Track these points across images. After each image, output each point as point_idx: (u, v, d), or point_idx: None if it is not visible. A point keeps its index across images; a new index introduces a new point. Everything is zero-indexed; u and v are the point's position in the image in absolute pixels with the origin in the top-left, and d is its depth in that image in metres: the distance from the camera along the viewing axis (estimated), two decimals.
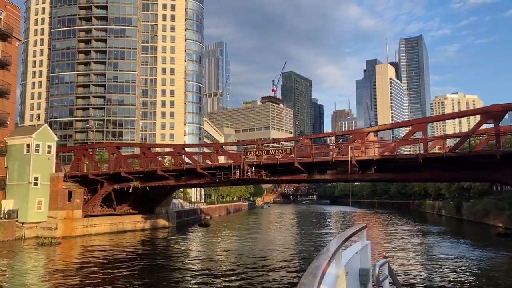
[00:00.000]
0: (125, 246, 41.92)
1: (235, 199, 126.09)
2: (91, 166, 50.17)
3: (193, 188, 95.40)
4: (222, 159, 44.00)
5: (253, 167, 36.02)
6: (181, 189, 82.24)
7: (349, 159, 31.10)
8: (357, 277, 3.85)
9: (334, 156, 32.59)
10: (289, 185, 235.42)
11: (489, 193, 71.15)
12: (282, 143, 38.58)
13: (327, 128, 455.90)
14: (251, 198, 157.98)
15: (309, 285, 2.13)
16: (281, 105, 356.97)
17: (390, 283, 4.10)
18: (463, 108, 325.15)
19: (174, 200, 74.26)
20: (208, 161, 41.96)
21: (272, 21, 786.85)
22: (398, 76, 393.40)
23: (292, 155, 34.74)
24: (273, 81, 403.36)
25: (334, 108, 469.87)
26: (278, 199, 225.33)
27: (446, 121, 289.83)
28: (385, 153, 32.58)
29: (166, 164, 51.84)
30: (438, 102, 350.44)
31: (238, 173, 36.62)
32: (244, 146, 41.32)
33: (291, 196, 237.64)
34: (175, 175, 42.43)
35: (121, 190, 48.19)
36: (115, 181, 46.96)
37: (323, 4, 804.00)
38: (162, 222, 59.68)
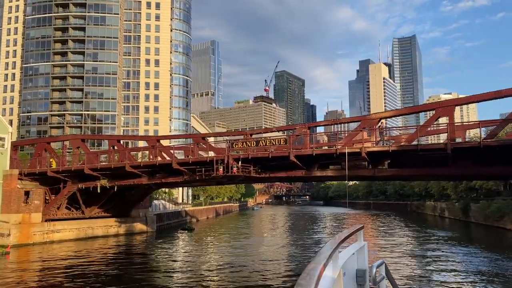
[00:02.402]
0: (92, 254, 35.99)
1: (225, 200, 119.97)
2: (57, 163, 43.30)
3: (179, 188, 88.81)
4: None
5: (240, 162, 29.63)
6: (165, 190, 75.81)
7: (346, 151, 25.08)
8: (354, 278, 3.81)
9: (339, 147, 26.32)
10: (281, 186, 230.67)
11: (497, 194, 65.99)
12: (275, 133, 32.28)
13: (320, 128, 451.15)
14: (242, 199, 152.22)
15: (306, 286, 2.10)
16: (274, 105, 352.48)
17: (387, 284, 4.06)
18: (458, 108, 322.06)
19: (155, 202, 67.83)
20: (190, 157, 35.55)
21: (265, 23, 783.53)
22: (391, 76, 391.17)
23: (285, 148, 28.34)
24: (265, 80, 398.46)
25: (327, 109, 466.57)
26: (270, 200, 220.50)
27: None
28: (402, 143, 26.41)
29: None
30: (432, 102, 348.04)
31: (221, 169, 30.17)
32: (232, 136, 34.66)
33: (284, 197, 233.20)
34: (148, 172, 35.90)
35: (91, 190, 41.50)
36: (80, 179, 40.25)
37: (315, 7, 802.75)
38: (139, 226, 53.01)
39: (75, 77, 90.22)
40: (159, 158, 35.95)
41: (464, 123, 25.71)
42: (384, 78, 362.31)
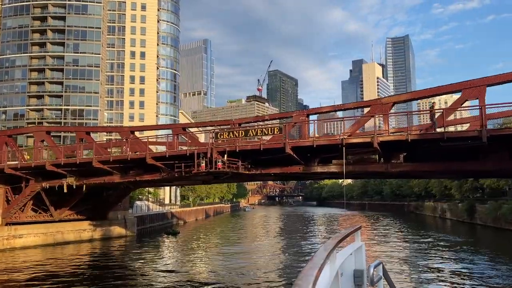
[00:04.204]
0: (60, 263, 31.38)
1: (216, 200, 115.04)
2: (19, 158, 38.08)
3: (166, 188, 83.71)
4: None
5: (226, 155, 24.83)
6: (150, 190, 70.72)
7: (344, 143, 20.53)
8: (352, 278, 3.82)
9: (346, 137, 21.68)
10: (274, 186, 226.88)
11: (502, 194, 62.38)
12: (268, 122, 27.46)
13: (314, 128, 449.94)
14: (234, 200, 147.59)
15: (304, 286, 2.12)
16: (267, 104, 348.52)
17: (384, 284, 4.04)
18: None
19: (138, 202, 62.78)
20: (167, 150, 30.69)
21: (258, 24, 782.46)
22: (385, 77, 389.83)
23: (280, 139, 23.57)
24: (258, 80, 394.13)
25: None
26: (263, 201, 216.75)
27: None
28: (416, 131, 21.83)
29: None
30: (426, 102, 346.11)
31: (204, 164, 25.34)
32: (218, 127, 29.78)
33: (277, 198, 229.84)
34: (120, 169, 30.93)
35: (57, 189, 36.38)
36: (44, 177, 35.16)
37: (308, 8, 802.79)
38: (117, 230, 47.96)
39: (55, 69, 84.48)
40: (137, 152, 31.12)
41: (498, 105, 21.16)
42: (377, 78, 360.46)
